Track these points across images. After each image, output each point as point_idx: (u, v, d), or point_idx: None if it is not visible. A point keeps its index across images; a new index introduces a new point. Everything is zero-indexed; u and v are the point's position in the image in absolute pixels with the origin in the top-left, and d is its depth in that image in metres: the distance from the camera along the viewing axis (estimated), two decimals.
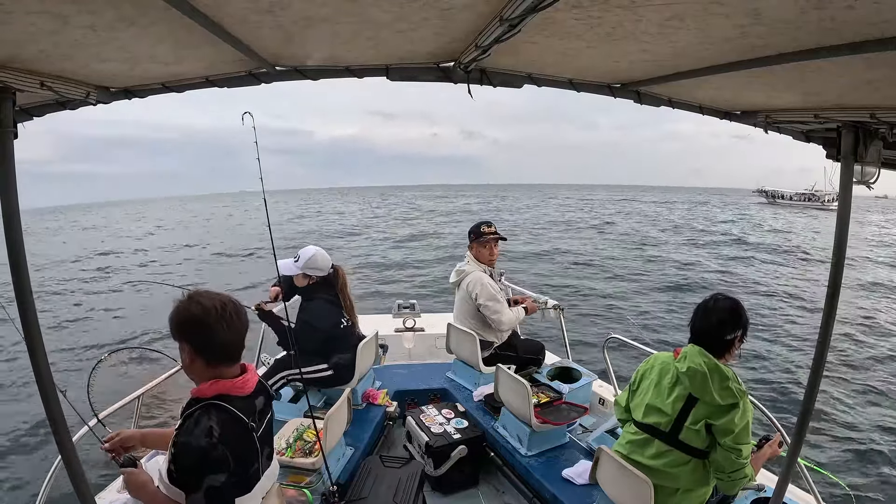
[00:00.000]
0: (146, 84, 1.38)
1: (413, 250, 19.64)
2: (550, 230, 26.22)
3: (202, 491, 1.15)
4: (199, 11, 0.86)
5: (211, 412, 1.21)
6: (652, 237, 23.29)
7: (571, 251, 18.43)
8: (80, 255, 21.62)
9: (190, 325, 1.23)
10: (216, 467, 1.17)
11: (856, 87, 1.14)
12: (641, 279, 13.51)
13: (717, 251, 18.93)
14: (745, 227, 28.82)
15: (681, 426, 1.71)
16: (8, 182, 1.02)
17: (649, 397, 1.83)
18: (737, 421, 1.63)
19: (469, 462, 2.59)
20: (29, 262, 1.06)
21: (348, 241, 23.42)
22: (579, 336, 7.92)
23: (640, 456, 1.80)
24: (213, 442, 1.16)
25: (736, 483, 1.69)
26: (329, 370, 2.72)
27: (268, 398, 1.44)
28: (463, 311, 3.17)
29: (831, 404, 6.05)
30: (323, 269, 2.74)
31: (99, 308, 11.82)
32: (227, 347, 1.27)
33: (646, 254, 18.01)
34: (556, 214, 38.89)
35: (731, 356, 1.76)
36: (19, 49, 0.95)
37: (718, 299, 1.77)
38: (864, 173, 1.36)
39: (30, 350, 1.08)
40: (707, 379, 1.66)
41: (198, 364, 1.26)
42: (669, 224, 30.40)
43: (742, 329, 1.73)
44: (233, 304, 1.27)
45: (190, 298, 1.25)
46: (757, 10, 0.80)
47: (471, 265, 3.14)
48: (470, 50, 1.17)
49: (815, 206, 48.64)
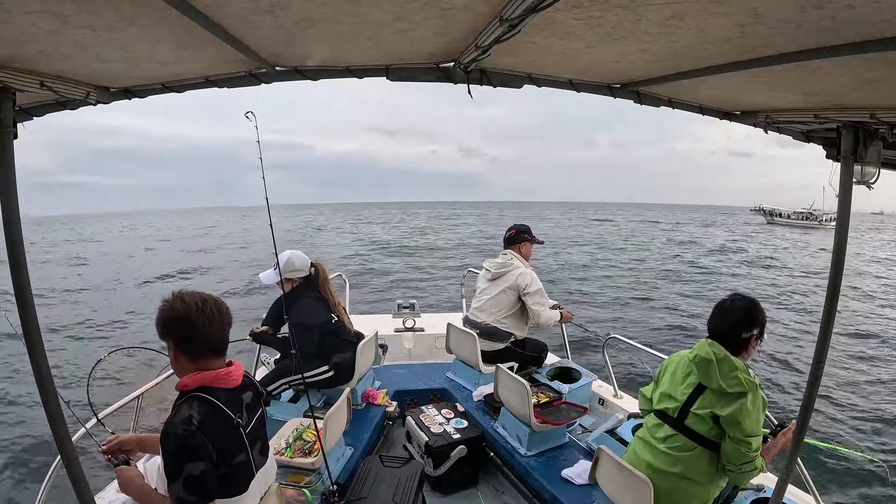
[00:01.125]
0: (146, 84, 1.38)
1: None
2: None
3: (181, 479, 1.18)
4: (199, 11, 0.86)
5: (192, 403, 1.25)
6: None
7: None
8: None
9: (173, 322, 1.29)
10: (194, 455, 1.20)
11: (856, 87, 1.14)
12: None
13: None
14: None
15: (687, 411, 1.75)
16: (8, 182, 1.02)
17: (665, 387, 1.88)
18: (744, 411, 1.64)
19: (469, 462, 2.60)
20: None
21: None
22: (579, 336, 7.92)
23: (653, 439, 1.84)
24: (192, 430, 1.20)
25: (746, 475, 1.70)
26: (329, 371, 2.72)
27: (256, 394, 1.46)
28: (500, 302, 3.18)
29: (832, 404, 6.06)
30: (303, 269, 2.78)
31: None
32: (211, 342, 1.32)
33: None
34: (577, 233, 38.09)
35: (748, 355, 1.78)
36: (19, 49, 0.95)
37: (735, 299, 1.79)
38: (864, 173, 1.36)
39: (30, 350, 1.08)
40: (713, 366, 1.69)
41: (182, 360, 1.31)
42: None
43: (759, 328, 1.76)
44: (214, 300, 1.33)
45: (174, 298, 1.30)
46: (757, 9, 0.80)
47: (517, 261, 3.21)
48: (470, 50, 1.17)
49: (812, 226, 48.69)
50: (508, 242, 3.31)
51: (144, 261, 23.08)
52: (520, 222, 3.40)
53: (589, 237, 33.91)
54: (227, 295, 11.89)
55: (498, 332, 3.16)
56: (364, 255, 22.66)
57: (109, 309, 12.11)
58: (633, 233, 37.98)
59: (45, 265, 21.85)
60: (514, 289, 3.13)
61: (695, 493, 1.75)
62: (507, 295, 3.16)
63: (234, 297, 12.48)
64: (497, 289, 3.20)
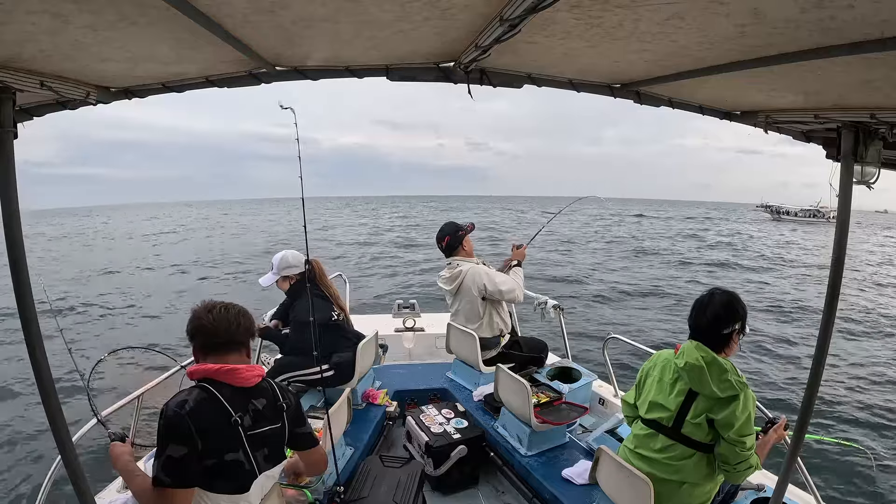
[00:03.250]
0: (146, 84, 1.38)
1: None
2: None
3: (163, 457, 1.23)
4: (199, 11, 0.86)
5: (193, 390, 1.33)
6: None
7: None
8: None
9: (191, 320, 1.43)
10: (177, 438, 1.24)
11: (856, 87, 1.14)
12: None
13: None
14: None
15: (682, 420, 1.73)
16: (8, 182, 1.02)
17: (652, 394, 1.85)
18: (738, 413, 1.63)
19: (469, 462, 2.59)
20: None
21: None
22: (579, 336, 7.94)
23: (647, 449, 1.82)
24: (181, 413, 1.25)
25: (742, 474, 1.70)
26: (330, 370, 2.72)
27: (275, 407, 1.46)
28: (471, 312, 3.15)
29: (831, 404, 6.06)
30: (297, 266, 2.79)
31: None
32: (216, 335, 1.40)
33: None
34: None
35: (731, 350, 1.76)
36: (19, 49, 0.95)
37: (714, 294, 1.77)
38: (864, 173, 1.36)
39: (30, 350, 1.08)
40: (705, 373, 1.67)
41: (197, 353, 1.44)
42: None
43: (740, 322, 1.73)
44: (223, 303, 1.46)
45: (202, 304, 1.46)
46: (757, 9, 0.80)
47: (464, 264, 3.16)
48: (470, 50, 1.17)
49: (820, 222, 48.61)
50: (449, 250, 3.21)
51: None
52: (447, 222, 3.27)
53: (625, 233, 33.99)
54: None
55: (485, 339, 3.14)
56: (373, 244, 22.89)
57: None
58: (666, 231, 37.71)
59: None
60: (475, 292, 3.09)
61: (696, 493, 1.75)
62: (472, 303, 3.12)
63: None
64: (462, 300, 3.18)
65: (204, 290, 14.06)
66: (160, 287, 14.28)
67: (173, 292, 13.46)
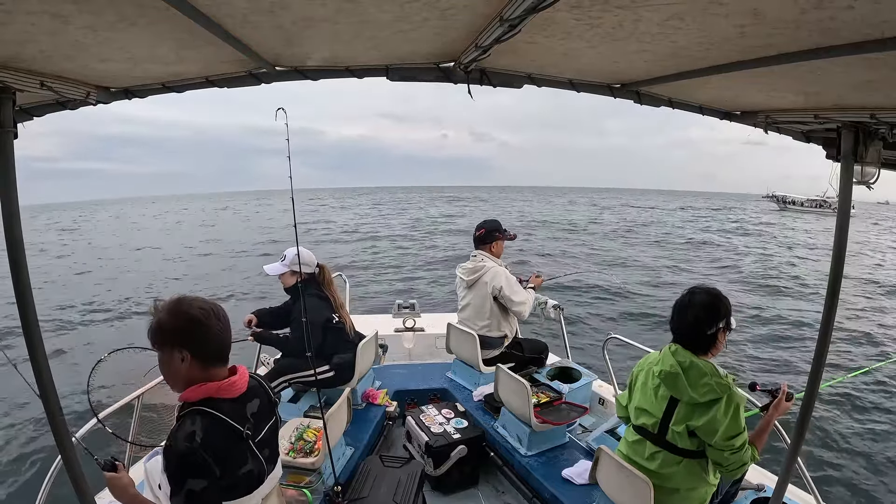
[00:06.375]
0: (146, 84, 1.38)
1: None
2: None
3: (182, 494, 1.15)
4: (199, 11, 0.86)
5: (196, 417, 1.21)
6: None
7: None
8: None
9: (190, 326, 1.23)
10: (195, 472, 1.16)
11: (856, 87, 1.14)
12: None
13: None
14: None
15: (666, 427, 1.71)
16: (8, 182, 1.02)
17: (639, 399, 1.83)
18: (719, 416, 1.59)
19: (469, 462, 2.59)
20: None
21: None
22: (579, 336, 7.93)
23: (638, 457, 1.81)
24: (194, 447, 1.16)
25: (738, 471, 1.67)
26: (330, 371, 2.72)
27: (268, 401, 1.44)
28: (481, 309, 3.16)
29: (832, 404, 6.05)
30: (310, 265, 2.77)
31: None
32: (222, 348, 1.29)
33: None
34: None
35: (717, 350, 1.71)
36: (19, 49, 0.95)
37: (695, 293, 1.71)
38: (864, 173, 1.36)
39: (30, 350, 1.08)
40: (681, 378, 1.65)
41: (194, 367, 1.24)
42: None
43: (724, 320, 1.67)
44: (215, 304, 1.30)
45: (180, 303, 1.24)
46: (757, 10, 0.80)
47: (489, 261, 3.17)
48: (470, 50, 1.17)
49: (827, 213, 48.44)
50: (479, 242, 3.23)
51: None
52: (492, 219, 3.30)
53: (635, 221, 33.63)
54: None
55: (489, 339, 3.14)
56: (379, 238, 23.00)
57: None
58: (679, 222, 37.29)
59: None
60: (490, 291, 3.09)
61: (692, 496, 1.74)
62: (484, 299, 3.13)
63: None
64: (475, 295, 3.18)
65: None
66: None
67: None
